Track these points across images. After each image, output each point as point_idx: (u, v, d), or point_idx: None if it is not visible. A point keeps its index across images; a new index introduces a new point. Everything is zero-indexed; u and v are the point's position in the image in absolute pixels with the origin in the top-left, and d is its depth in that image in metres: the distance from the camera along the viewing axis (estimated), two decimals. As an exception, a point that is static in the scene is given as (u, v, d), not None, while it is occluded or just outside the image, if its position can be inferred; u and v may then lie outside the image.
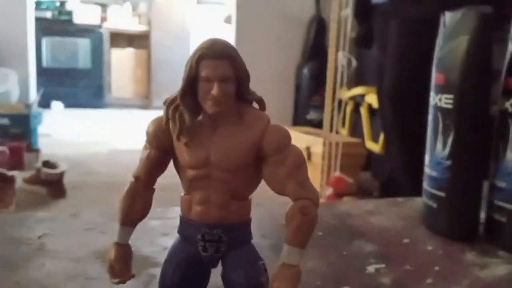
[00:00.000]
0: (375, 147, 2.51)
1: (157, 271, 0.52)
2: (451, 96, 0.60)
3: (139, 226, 0.66)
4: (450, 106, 0.60)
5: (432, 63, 1.66)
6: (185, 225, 0.34)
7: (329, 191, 2.07)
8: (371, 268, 0.53)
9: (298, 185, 0.31)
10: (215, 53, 0.31)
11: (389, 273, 0.53)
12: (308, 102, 3.28)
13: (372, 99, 2.47)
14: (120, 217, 0.35)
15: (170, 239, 0.61)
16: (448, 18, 0.62)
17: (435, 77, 0.63)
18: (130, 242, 0.59)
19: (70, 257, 0.54)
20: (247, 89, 0.32)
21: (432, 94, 0.64)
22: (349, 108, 2.87)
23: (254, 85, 0.32)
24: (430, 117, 0.65)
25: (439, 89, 0.62)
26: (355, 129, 2.91)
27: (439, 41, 0.63)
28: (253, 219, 0.35)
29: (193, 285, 0.34)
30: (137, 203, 0.35)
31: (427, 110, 1.72)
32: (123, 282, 0.34)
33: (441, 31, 0.63)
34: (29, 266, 0.51)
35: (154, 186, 0.36)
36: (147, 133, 0.34)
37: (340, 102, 2.31)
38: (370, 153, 2.60)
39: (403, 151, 1.76)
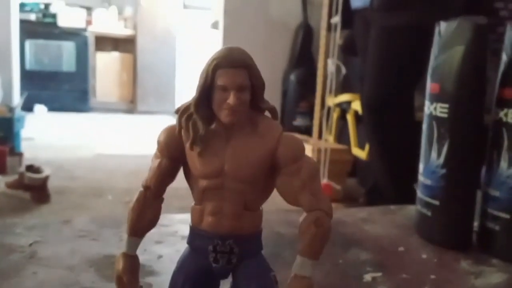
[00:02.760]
0: (361, 154, 2.53)
1: (153, 280, 0.51)
2: (446, 105, 0.61)
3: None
4: (445, 115, 0.61)
5: (412, 73, 1.67)
6: (196, 235, 0.33)
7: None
8: (368, 277, 0.53)
9: (312, 196, 0.31)
10: (232, 62, 0.30)
11: (386, 281, 0.53)
12: (295, 109, 3.29)
13: (358, 106, 2.49)
14: (129, 227, 0.34)
15: (165, 247, 0.60)
16: (443, 28, 0.62)
17: (429, 86, 0.64)
18: (122, 249, 0.59)
19: (63, 265, 0.53)
20: (261, 98, 0.32)
21: (427, 103, 0.64)
22: (335, 115, 2.89)
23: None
24: (424, 126, 0.65)
25: (434, 98, 0.63)
26: (341, 136, 2.92)
27: (434, 50, 0.64)
28: None
29: (203, 297, 0.33)
30: (146, 213, 0.34)
31: (407, 120, 1.73)
32: None
33: (436, 40, 0.63)
34: (21, 274, 0.50)
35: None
36: (159, 142, 0.33)
37: (327, 109, 2.32)
38: (356, 160, 2.61)
39: (385, 160, 1.76)
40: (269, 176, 0.32)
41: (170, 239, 0.62)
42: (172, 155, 0.33)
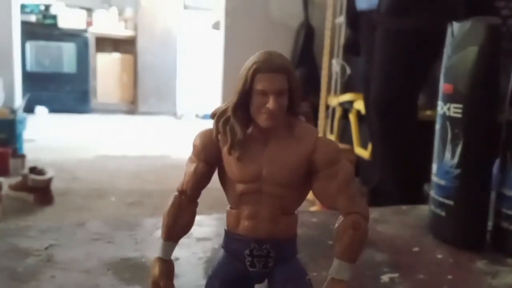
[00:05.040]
0: (364, 153, 2.53)
1: (170, 283, 0.51)
2: (460, 105, 0.61)
3: (148, 237, 0.65)
4: (459, 116, 0.61)
5: (419, 75, 1.68)
6: (232, 240, 0.33)
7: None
8: (385, 277, 0.53)
9: (349, 199, 0.31)
10: (272, 66, 0.30)
11: (404, 282, 0.53)
12: (297, 109, 3.29)
13: (361, 105, 2.49)
14: (164, 232, 0.34)
15: (181, 250, 0.60)
16: (456, 28, 0.62)
17: (443, 86, 0.64)
18: (140, 252, 0.59)
19: (81, 269, 0.53)
20: (298, 103, 0.32)
21: (440, 103, 0.64)
22: (337, 115, 2.89)
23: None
24: (437, 126, 0.65)
25: (447, 98, 0.63)
26: (343, 136, 2.93)
27: (447, 51, 0.64)
28: None
29: (239, 301, 0.33)
30: (182, 217, 0.34)
31: (413, 121, 1.74)
32: None
33: (449, 41, 0.63)
34: (40, 278, 0.50)
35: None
36: (194, 146, 0.33)
37: (331, 109, 2.32)
38: (358, 159, 2.62)
39: (390, 160, 1.77)
40: (305, 180, 0.32)
41: (186, 241, 0.62)
42: (209, 159, 0.33)
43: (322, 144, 0.32)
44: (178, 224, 0.34)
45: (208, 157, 0.33)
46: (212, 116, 0.32)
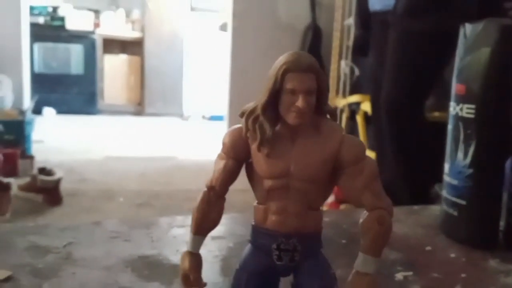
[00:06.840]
0: (372, 154, 2.53)
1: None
2: (472, 106, 0.61)
3: (163, 235, 0.66)
4: (471, 116, 0.61)
5: (431, 77, 1.68)
6: (259, 234, 0.34)
7: (330, 198, 2.08)
8: (399, 276, 0.54)
9: (374, 195, 0.32)
10: (302, 66, 0.31)
11: (418, 280, 0.53)
12: (304, 110, 3.29)
13: (368, 107, 2.49)
14: (194, 226, 0.35)
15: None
16: (468, 29, 0.63)
17: (455, 87, 0.65)
18: (157, 250, 0.60)
19: (100, 266, 0.54)
20: (326, 102, 0.33)
21: (452, 104, 0.65)
22: (344, 116, 2.89)
23: (251, 93, 0.32)
24: (450, 127, 0.66)
25: (460, 99, 0.63)
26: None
27: (459, 52, 0.65)
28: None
29: (265, 295, 0.34)
30: (211, 212, 0.35)
31: (422, 123, 1.74)
32: None
33: (462, 42, 0.64)
34: (60, 275, 0.51)
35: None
36: (224, 144, 0.34)
37: (338, 110, 2.33)
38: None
39: (399, 161, 1.77)
40: (330, 176, 0.33)
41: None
42: (238, 156, 0.34)
43: (348, 142, 0.33)
44: (207, 218, 0.35)
45: (237, 154, 0.34)
46: (241, 115, 0.33)
